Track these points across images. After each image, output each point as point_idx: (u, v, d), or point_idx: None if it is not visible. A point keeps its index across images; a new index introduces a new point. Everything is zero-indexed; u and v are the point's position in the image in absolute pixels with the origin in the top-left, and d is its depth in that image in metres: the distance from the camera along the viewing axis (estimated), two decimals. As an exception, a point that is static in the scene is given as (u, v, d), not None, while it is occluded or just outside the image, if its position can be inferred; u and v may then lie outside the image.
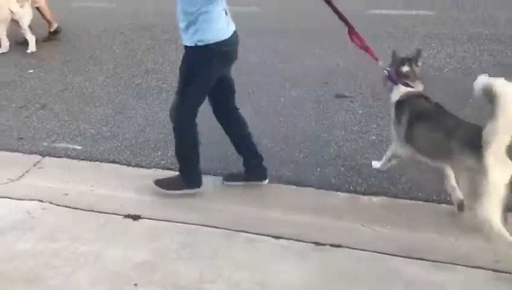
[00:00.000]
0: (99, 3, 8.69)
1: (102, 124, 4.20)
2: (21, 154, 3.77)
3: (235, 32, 2.79)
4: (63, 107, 4.56)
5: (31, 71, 5.45)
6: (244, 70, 5.22)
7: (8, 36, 6.18)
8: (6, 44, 6.14)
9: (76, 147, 3.84)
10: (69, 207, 3.00)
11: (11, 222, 2.84)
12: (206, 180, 3.31)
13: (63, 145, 3.87)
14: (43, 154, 3.72)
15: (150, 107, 4.48)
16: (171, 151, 3.68)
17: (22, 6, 6.07)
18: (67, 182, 3.31)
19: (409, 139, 2.76)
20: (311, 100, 4.47)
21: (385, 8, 7.06)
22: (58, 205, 3.00)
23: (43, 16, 6.56)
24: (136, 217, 2.87)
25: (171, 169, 3.47)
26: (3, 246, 2.65)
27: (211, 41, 2.66)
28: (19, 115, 4.42)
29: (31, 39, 6.11)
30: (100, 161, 3.63)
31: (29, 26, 6.17)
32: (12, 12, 5.98)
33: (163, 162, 3.58)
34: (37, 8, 6.47)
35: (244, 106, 4.35)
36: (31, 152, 3.78)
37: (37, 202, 3.03)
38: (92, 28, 7.02)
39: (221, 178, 3.28)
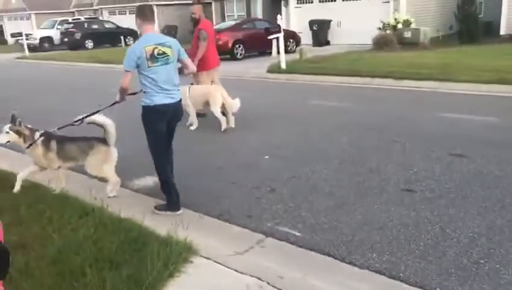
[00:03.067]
0: (334, 103, 9.38)
1: (322, 215, 4.35)
2: (248, 230, 4.14)
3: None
4: (290, 193, 4.90)
5: (266, 157, 6.10)
6: (484, 185, 4.85)
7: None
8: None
9: (296, 233, 4.04)
10: (282, 291, 3.12)
11: (231, 292, 3.10)
12: None
13: (285, 229, 4.12)
14: (266, 234, 4.02)
15: (369, 206, 4.48)
16: (387, 256, 3.58)
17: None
18: (284, 266, 3.47)
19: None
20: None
21: None
22: (273, 287, 3.16)
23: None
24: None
25: (384, 274, 3.35)
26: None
27: None
28: (252, 194, 4.92)
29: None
30: (316, 251, 3.72)
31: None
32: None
33: (377, 265, 3.47)
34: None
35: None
36: (256, 230, 4.12)
37: (255, 279, 3.25)
38: (324, 125, 7.57)
39: None
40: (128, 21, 31.76)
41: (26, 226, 4.02)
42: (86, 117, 4.79)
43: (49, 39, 29.49)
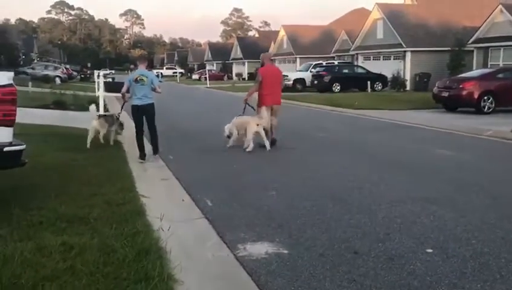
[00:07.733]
0: None
1: None
2: None
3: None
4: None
5: (429, 251, 4.22)
6: None
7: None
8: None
9: None
10: None
11: None
12: None
13: None
14: None
15: None
16: None
17: None
18: None
19: None
20: None
21: None
22: None
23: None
24: None
25: None
26: None
27: None
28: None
29: None
30: None
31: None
32: None
33: None
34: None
35: None
36: None
37: None
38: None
39: None
40: (380, 66, 31.01)
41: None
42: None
43: (301, 81, 31.06)
